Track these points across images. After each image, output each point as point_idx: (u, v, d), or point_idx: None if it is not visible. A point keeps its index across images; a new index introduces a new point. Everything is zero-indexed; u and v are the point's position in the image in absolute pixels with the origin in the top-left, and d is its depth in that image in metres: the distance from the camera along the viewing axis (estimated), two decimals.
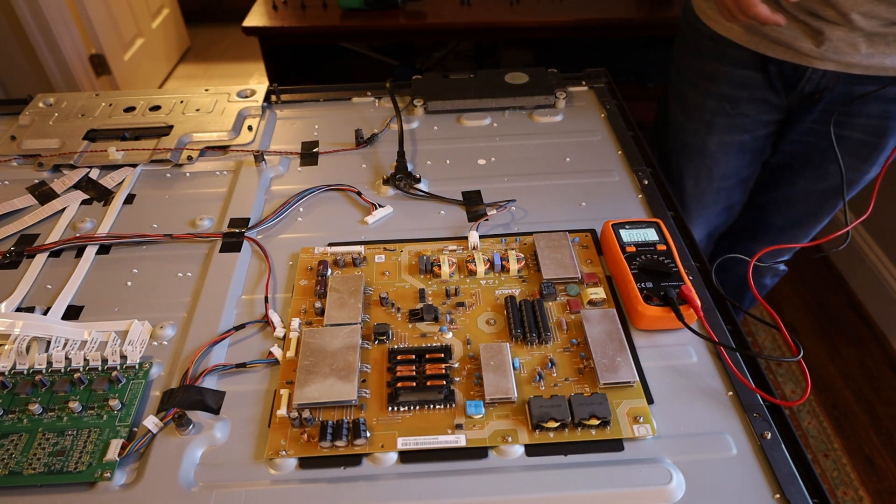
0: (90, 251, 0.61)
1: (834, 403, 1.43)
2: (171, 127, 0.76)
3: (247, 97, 0.81)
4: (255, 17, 1.51)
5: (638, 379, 0.47)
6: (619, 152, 0.73)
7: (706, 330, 0.51)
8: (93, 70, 2.17)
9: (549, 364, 0.49)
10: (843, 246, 0.70)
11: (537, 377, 0.48)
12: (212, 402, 0.47)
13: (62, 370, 0.50)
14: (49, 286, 0.58)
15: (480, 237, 0.60)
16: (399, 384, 0.47)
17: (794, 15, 0.75)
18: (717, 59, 0.86)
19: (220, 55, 2.82)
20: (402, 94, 0.83)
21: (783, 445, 0.45)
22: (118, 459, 0.43)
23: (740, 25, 0.79)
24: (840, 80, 0.78)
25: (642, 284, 0.52)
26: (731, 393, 0.48)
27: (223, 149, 0.74)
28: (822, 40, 0.74)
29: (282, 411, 0.46)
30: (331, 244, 0.61)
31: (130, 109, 0.79)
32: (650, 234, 0.57)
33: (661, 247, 0.56)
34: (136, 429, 0.46)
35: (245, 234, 0.62)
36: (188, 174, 0.71)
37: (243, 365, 0.50)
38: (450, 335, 0.52)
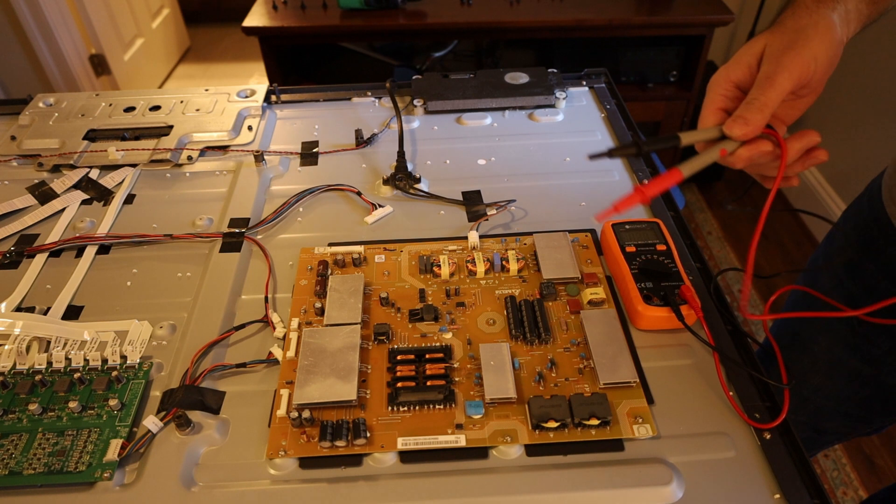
0: (90, 251, 0.61)
1: None
2: (171, 127, 0.76)
3: (247, 97, 0.81)
4: (255, 17, 1.51)
5: (638, 379, 0.47)
6: None
7: (705, 331, 0.51)
8: (93, 70, 2.17)
9: (549, 364, 0.49)
10: None
11: (537, 377, 0.48)
12: (212, 402, 0.47)
13: (62, 370, 0.50)
14: (49, 286, 0.58)
15: (480, 237, 0.60)
16: (399, 384, 0.47)
17: None
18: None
19: (220, 55, 2.82)
20: (402, 94, 0.83)
21: (783, 445, 0.45)
22: (118, 459, 0.43)
23: None
24: None
25: (642, 284, 0.52)
26: (731, 393, 0.48)
27: (223, 149, 0.74)
28: None
29: (282, 411, 0.46)
30: (331, 244, 0.61)
31: (130, 109, 0.79)
32: (650, 235, 0.57)
33: (661, 247, 0.56)
34: (136, 429, 0.46)
35: (245, 234, 0.62)
36: (188, 174, 0.71)
37: (243, 365, 0.50)
38: (450, 335, 0.52)
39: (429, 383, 0.47)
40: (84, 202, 0.68)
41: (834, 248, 0.72)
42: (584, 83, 0.85)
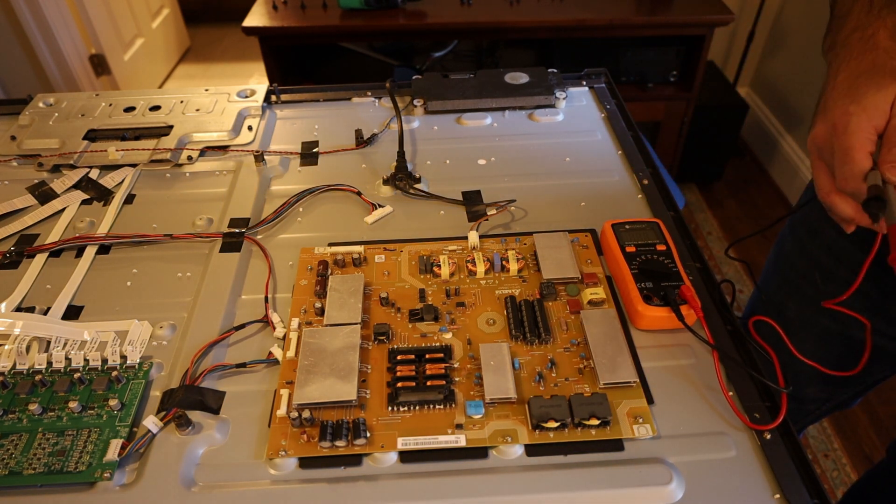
0: (90, 251, 0.61)
1: None
2: (171, 127, 0.76)
3: (247, 97, 0.81)
4: (255, 17, 1.51)
5: (638, 379, 0.47)
6: (619, 152, 0.73)
7: (705, 331, 0.51)
8: (93, 70, 2.17)
9: (549, 364, 0.49)
10: None
11: (537, 377, 0.48)
12: (212, 402, 0.47)
13: (62, 370, 0.50)
14: (49, 286, 0.58)
15: (480, 237, 0.60)
16: (399, 384, 0.47)
17: None
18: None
19: (220, 55, 2.82)
20: (402, 94, 0.83)
21: (783, 445, 0.45)
22: (118, 459, 0.43)
23: None
24: None
25: (642, 284, 0.52)
26: (731, 393, 0.48)
27: (223, 149, 0.74)
28: None
29: (282, 411, 0.46)
30: (331, 244, 0.61)
31: (130, 109, 0.79)
32: (650, 235, 0.57)
33: (661, 247, 0.56)
34: (136, 429, 0.46)
35: (245, 234, 0.62)
36: (188, 174, 0.71)
37: (243, 365, 0.50)
38: (450, 335, 0.52)
39: (429, 383, 0.47)
40: (84, 202, 0.68)
41: (797, 218, 0.79)
42: (584, 83, 0.85)
